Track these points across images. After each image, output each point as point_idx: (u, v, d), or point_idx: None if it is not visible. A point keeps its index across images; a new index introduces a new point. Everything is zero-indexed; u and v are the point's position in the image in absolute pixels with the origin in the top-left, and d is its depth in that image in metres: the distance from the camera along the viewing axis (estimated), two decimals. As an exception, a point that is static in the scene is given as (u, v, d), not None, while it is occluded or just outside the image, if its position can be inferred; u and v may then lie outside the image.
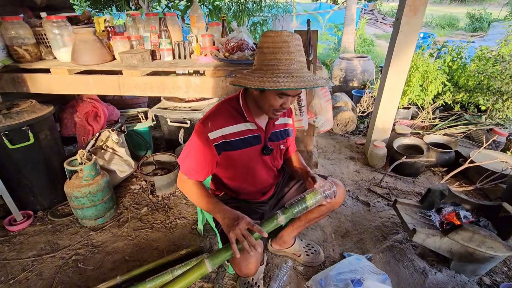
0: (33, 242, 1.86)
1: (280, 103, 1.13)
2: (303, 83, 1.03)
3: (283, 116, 1.39)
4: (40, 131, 1.95)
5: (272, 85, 1.01)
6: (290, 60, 1.05)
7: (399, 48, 2.36)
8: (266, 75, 1.05)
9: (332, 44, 8.05)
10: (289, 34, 1.06)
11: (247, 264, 1.17)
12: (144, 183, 2.44)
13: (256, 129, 1.27)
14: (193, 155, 1.23)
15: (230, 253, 1.09)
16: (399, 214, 1.69)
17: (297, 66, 1.07)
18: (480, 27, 12.24)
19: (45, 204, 2.10)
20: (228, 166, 1.31)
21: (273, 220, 1.15)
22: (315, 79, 1.08)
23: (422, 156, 2.47)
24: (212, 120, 1.21)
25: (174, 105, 2.61)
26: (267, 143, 1.32)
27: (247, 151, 1.27)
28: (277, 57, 1.05)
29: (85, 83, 1.99)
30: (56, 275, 1.63)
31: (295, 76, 1.04)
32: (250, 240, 1.05)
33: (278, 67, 1.05)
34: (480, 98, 3.17)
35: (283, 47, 1.04)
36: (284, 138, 1.41)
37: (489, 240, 1.37)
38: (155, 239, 1.89)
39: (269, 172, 1.43)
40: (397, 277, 1.57)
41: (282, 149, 1.42)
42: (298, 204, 1.18)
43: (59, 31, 2.01)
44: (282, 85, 1.01)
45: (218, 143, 1.21)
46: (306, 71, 1.09)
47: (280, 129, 1.38)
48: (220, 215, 1.15)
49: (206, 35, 2.08)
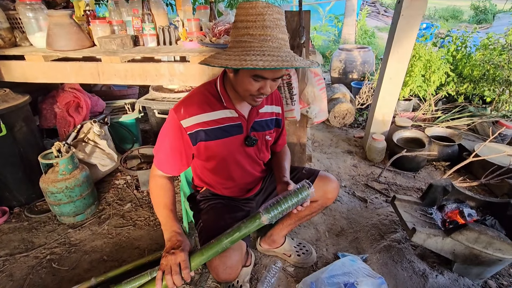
0: (7, 240, 1.75)
1: (257, 87, 0.99)
2: (276, 62, 0.87)
3: (270, 104, 1.25)
4: (14, 122, 1.82)
5: (237, 64, 0.87)
6: (265, 36, 0.90)
7: (400, 34, 2.21)
8: (235, 53, 0.92)
9: (332, 36, 7.84)
10: (266, 5, 0.90)
11: (225, 268, 1.04)
12: (129, 178, 2.31)
13: (237, 117, 1.13)
14: (165, 145, 1.10)
15: (212, 254, 0.96)
16: (398, 212, 1.56)
17: (274, 43, 0.92)
18: (485, 19, 11.96)
19: (22, 200, 1.98)
20: (207, 158, 1.17)
21: (255, 220, 1.01)
22: (292, 59, 0.92)
23: (424, 149, 2.34)
24: (186, 106, 1.07)
25: (163, 96, 2.47)
26: (249, 133, 1.17)
27: (226, 142, 1.13)
28: (250, 32, 0.91)
29: (63, 71, 1.85)
30: (28, 276, 1.52)
31: (267, 54, 0.89)
32: (175, 279, 0.90)
33: (250, 44, 0.91)
34: (485, 89, 3.01)
35: (257, 21, 0.90)
36: (271, 129, 1.27)
37: (497, 241, 1.24)
38: (137, 237, 1.77)
39: (254, 166, 1.29)
40: (395, 280, 1.45)
41: (268, 140, 1.27)
42: (284, 201, 1.04)
43: (33, 15, 1.86)
44: (249, 63, 0.86)
45: (192, 131, 1.07)
46: (285, 50, 0.95)
47: (266, 118, 1.23)
48: (167, 236, 1.01)
49: (193, 19, 1.94)
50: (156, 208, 1.11)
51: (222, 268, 1.03)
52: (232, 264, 1.04)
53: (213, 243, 0.98)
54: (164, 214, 1.06)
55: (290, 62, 0.90)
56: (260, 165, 1.33)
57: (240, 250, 1.09)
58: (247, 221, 1.02)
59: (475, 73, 3.04)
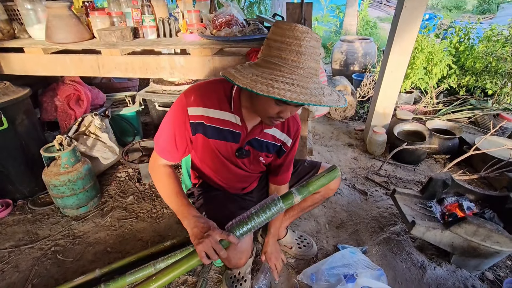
0: (11, 232, 1.77)
1: (277, 110, 0.94)
2: (305, 96, 0.82)
3: (281, 130, 1.18)
4: (15, 115, 1.82)
5: (263, 89, 0.81)
6: (298, 62, 0.84)
7: (403, 26, 2.18)
8: (263, 74, 0.86)
9: (334, 27, 7.74)
10: (305, 31, 0.84)
11: (236, 253, 1.07)
12: (131, 170, 2.33)
13: (239, 125, 1.09)
14: (168, 129, 1.07)
15: (224, 243, 0.95)
16: (398, 205, 1.58)
17: (304, 72, 0.86)
18: (488, 9, 11.77)
19: (25, 193, 2.00)
20: (203, 150, 1.15)
21: (289, 199, 1.00)
22: (321, 93, 0.86)
23: (424, 142, 2.34)
24: (197, 94, 1.04)
25: (163, 89, 2.46)
26: (244, 146, 1.13)
27: (220, 144, 1.11)
28: (282, 56, 0.85)
29: (62, 64, 1.83)
30: (33, 268, 1.55)
31: (296, 84, 0.83)
32: (221, 255, 0.91)
33: (280, 68, 0.85)
34: (487, 81, 2.99)
35: (293, 45, 0.83)
36: (270, 153, 1.21)
37: (495, 234, 1.26)
38: (140, 229, 1.79)
39: (245, 173, 1.26)
40: (394, 272, 1.47)
41: (261, 161, 1.22)
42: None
43: (32, 6, 1.84)
44: (276, 93, 0.80)
45: (195, 122, 1.05)
46: (315, 80, 0.89)
47: (270, 140, 1.17)
48: (189, 222, 0.98)
49: (193, 10, 1.91)
50: (167, 198, 1.08)
51: (233, 254, 1.05)
52: (243, 249, 1.07)
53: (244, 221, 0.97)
54: (179, 202, 1.04)
55: (319, 98, 0.84)
56: (252, 173, 1.28)
57: (250, 236, 1.11)
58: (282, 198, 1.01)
59: (477, 66, 3.02)
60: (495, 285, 1.42)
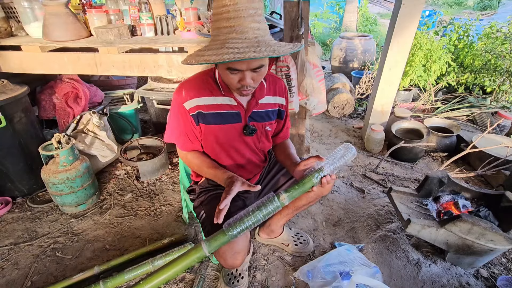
0: (11, 229, 1.78)
1: (236, 79, 0.98)
2: (232, 54, 0.85)
3: (273, 95, 1.23)
4: (13, 113, 1.82)
5: (195, 60, 0.90)
6: (230, 27, 0.89)
7: (401, 23, 2.17)
8: (207, 47, 0.93)
9: (333, 23, 7.71)
10: None
11: (232, 254, 1.07)
12: (130, 168, 2.34)
13: (236, 105, 1.14)
14: (180, 128, 1.15)
15: (228, 238, 0.97)
16: (394, 203, 1.59)
17: (241, 35, 0.89)
18: (489, 5, 11.70)
19: (24, 190, 2.01)
20: (208, 141, 1.19)
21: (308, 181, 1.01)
22: (265, 49, 0.87)
23: (422, 140, 2.35)
24: (187, 89, 1.10)
25: (162, 86, 2.46)
26: (248, 123, 1.18)
27: (225, 128, 1.16)
28: (217, 26, 0.91)
29: (60, 62, 1.83)
30: (33, 265, 1.56)
31: (226, 47, 0.87)
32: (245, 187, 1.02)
33: (217, 38, 0.92)
34: (486, 79, 2.99)
35: (223, 13, 0.88)
36: (272, 120, 1.26)
37: (489, 232, 1.27)
38: (138, 227, 1.81)
39: (253, 154, 1.30)
40: (389, 269, 1.49)
41: (268, 130, 1.28)
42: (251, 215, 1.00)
43: (28, 4, 1.83)
44: (202, 59, 0.88)
45: (194, 113, 1.11)
46: (259, 40, 0.90)
47: (267, 109, 1.23)
48: (222, 182, 1.10)
49: (190, 8, 1.90)
50: (203, 173, 1.21)
51: (230, 254, 1.05)
52: (239, 249, 1.07)
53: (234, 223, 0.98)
54: (212, 172, 1.15)
55: (248, 54, 0.84)
56: (259, 154, 1.33)
57: (246, 236, 1.11)
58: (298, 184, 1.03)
59: (476, 63, 3.01)
60: (489, 282, 1.44)
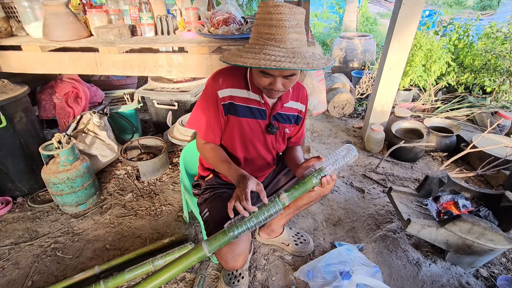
0: (11, 229, 1.79)
1: (267, 82, 1.03)
2: (269, 61, 0.91)
3: (296, 100, 1.29)
4: (14, 113, 1.82)
5: (232, 60, 0.96)
6: (270, 34, 0.95)
7: (402, 23, 2.18)
8: (244, 49, 0.99)
9: (333, 23, 7.71)
10: (275, 5, 0.94)
11: (233, 256, 1.07)
12: (130, 168, 2.34)
13: (263, 103, 1.19)
14: (207, 116, 1.17)
15: (229, 238, 0.98)
16: (394, 203, 1.59)
17: (280, 44, 0.95)
18: (490, 5, 11.71)
19: (25, 190, 2.01)
20: (232, 132, 1.22)
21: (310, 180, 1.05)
22: (301, 61, 0.94)
23: (422, 140, 2.35)
24: (224, 77, 1.13)
25: (162, 86, 2.46)
26: (272, 121, 1.23)
27: (251, 122, 1.20)
28: (259, 30, 0.97)
29: (60, 62, 1.83)
30: (33, 264, 1.56)
31: (263, 53, 0.93)
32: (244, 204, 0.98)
33: (256, 42, 0.98)
34: (486, 79, 2.99)
35: (266, 19, 0.95)
36: (291, 123, 1.32)
37: (489, 232, 1.27)
38: (139, 226, 1.81)
39: (267, 154, 1.34)
40: (389, 269, 1.49)
41: (286, 133, 1.33)
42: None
43: (29, 4, 1.84)
44: (240, 60, 0.94)
45: (226, 103, 1.14)
46: (296, 50, 0.96)
47: (289, 112, 1.28)
48: (234, 179, 1.10)
49: (191, 8, 1.91)
50: (216, 166, 1.22)
51: (231, 256, 1.05)
52: (240, 251, 1.07)
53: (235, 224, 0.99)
54: (225, 167, 1.16)
55: (292, 64, 0.91)
56: (272, 154, 1.37)
57: (248, 238, 1.12)
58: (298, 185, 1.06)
59: (476, 63, 3.01)
60: (489, 282, 1.44)
